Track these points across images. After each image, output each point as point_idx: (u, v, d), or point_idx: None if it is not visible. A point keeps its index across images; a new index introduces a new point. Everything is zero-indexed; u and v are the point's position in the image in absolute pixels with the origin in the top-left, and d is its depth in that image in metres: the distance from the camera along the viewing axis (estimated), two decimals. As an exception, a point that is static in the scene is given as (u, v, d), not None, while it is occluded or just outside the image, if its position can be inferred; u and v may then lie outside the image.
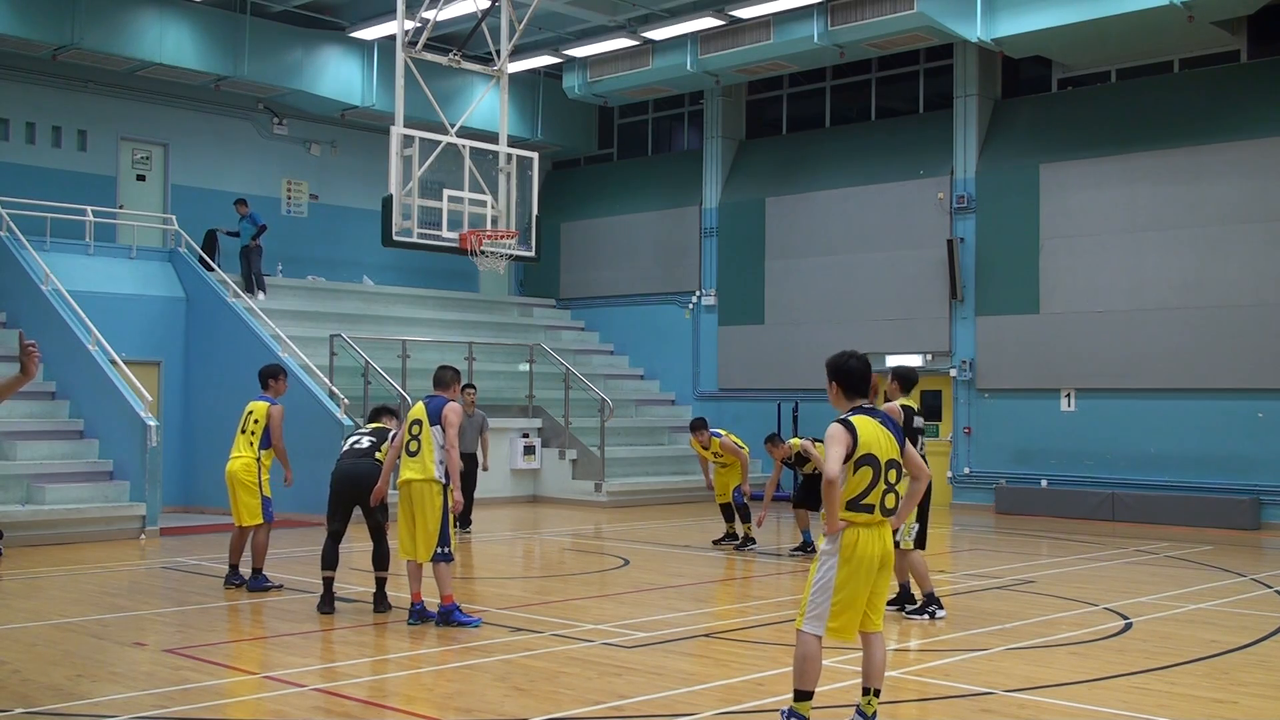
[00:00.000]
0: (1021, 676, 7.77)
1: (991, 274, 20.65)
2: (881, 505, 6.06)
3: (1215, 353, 18.38)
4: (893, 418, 6.43)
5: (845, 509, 6.03)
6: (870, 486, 6.02)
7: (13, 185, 19.99)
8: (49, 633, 9.13)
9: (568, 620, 9.53)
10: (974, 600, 10.92)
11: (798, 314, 22.88)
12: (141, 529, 15.53)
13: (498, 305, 26.23)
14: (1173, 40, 18.92)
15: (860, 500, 6.02)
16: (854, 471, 6.00)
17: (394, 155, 16.53)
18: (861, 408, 6.25)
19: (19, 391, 18.38)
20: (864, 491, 6.01)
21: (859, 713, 6.25)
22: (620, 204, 26.13)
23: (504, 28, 18.00)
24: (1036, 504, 19.42)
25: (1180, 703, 7.15)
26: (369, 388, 19.24)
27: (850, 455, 5.99)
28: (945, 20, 18.83)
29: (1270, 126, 18.26)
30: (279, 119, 23.95)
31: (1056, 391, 19.86)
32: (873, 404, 6.31)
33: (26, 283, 18.23)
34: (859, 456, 6.00)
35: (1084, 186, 19.78)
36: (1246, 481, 18.00)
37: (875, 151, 22.47)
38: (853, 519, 6.02)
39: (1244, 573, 12.93)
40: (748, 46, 20.81)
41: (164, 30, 20.42)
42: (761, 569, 13.45)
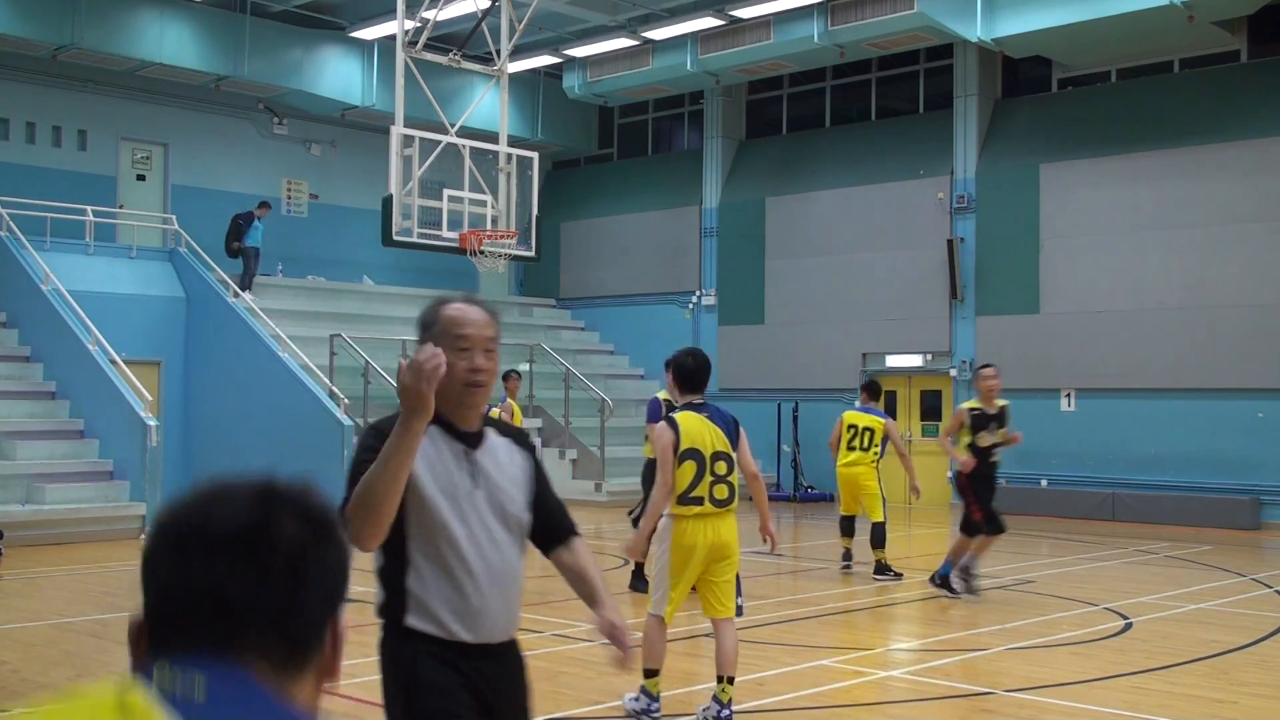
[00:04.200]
0: (1021, 676, 7.77)
1: (991, 274, 20.65)
2: (711, 497, 6.38)
3: (1215, 353, 18.37)
4: (726, 414, 6.66)
5: (676, 503, 6.36)
6: (696, 479, 6.35)
7: (13, 185, 19.99)
8: (49, 633, 9.13)
9: (568, 620, 9.53)
10: (974, 600, 10.91)
11: (798, 314, 22.88)
12: (141, 529, 15.52)
13: (498, 305, 26.18)
14: (1173, 40, 18.91)
15: (688, 494, 6.35)
16: (679, 465, 6.35)
17: (394, 155, 16.54)
18: (692, 403, 6.58)
19: (19, 391, 18.34)
20: (690, 484, 6.34)
21: (715, 700, 6.50)
22: (620, 204, 26.12)
23: (504, 28, 18.01)
24: (1036, 504, 19.41)
25: (1180, 703, 7.15)
26: (369, 388, 19.24)
27: (676, 450, 6.38)
28: (945, 20, 18.82)
29: (1270, 126, 18.26)
30: (279, 119, 23.95)
31: (1056, 391, 19.86)
32: (703, 399, 6.62)
33: (26, 283, 18.23)
34: (683, 451, 6.34)
35: (1084, 186, 19.78)
36: (1246, 481, 18.00)
37: (875, 151, 22.47)
38: (682, 512, 6.35)
39: (1244, 573, 12.94)
40: (748, 46, 20.81)
41: (164, 30, 20.42)
42: (761, 569, 13.44)
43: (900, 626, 10.06)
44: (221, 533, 1.31)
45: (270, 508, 1.35)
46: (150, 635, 1.32)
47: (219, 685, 1.25)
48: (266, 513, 1.34)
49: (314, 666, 1.35)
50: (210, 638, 1.28)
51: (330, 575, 1.37)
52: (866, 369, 22.02)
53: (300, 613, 1.33)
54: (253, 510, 1.34)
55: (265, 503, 1.35)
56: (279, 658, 1.31)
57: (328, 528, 1.39)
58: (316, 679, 1.36)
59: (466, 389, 3.17)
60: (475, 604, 3.08)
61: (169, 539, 1.33)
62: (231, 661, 1.28)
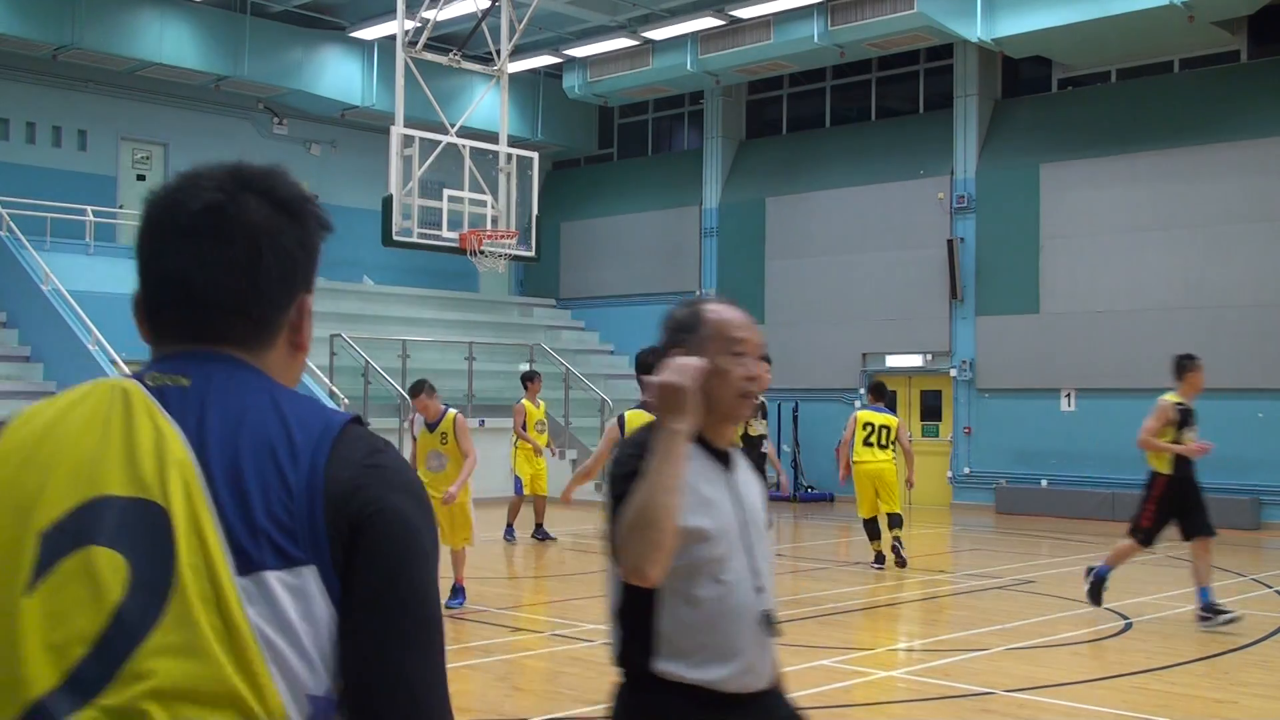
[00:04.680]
0: (1021, 676, 7.77)
1: (991, 274, 20.65)
2: None
3: (1215, 353, 18.27)
4: None
5: None
6: None
7: (13, 185, 20.00)
8: (49, 633, 9.12)
9: (568, 620, 9.53)
10: (974, 600, 10.92)
11: (798, 314, 22.87)
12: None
13: (498, 305, 26.23)
14: (1173, 40, 18.91)
15: None
16: None
17: (394, 155, 16.55)
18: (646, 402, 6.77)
19: (19, 391, 18.29)
20: None
21: None
22: (620, 204, 26.12)
23: (504, 28, 18.01)
24: (1036, 504, 19.41)
25: (1180, 703, 7.15)
26: (369, 388, 19.24)
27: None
28: (945, 20, 18.82)
29: (1270, 126, 18.26)
30: (279, 119, 23.96)
31: (1056, 391, 19.86)
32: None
33: (26, 283, 18.24)
34: None
35: (1084, 186, 19.77)
36: (1246, 481, 17.99)
37: (875, 151, 22.47)
38: None
39: (1244, 573, 12.93)
40: (748, 46, 20.81)
41: (164, 30, 20.42)
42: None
43: (900, 626, 10.05)
44: (189, 214, 1.42)
45: (235, 189, 1.44)
46: (144, 321, 1.48)
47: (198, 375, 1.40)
48: (231, 194, 1.43)
49: (280, 342, 1.47)
50: (185, 327, 1.44)
51: (290, 256, 1.45)
52: (866, 369, 22.02)
53: (261, 295, 1.44)
54: (218, 191, 1.43)
55: (231, 184, 1.45)
56: (246, 338, 1.44)
57: (290, 208, 1.46)
58: (287, 350, 1.48)
59: (740, 400, 2.82)
60: (736, 646, 2.67)
61: (148, 223, 1.46)
62: (206, 346, 1.43)
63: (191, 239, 1.42)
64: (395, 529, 1.36)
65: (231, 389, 1.40)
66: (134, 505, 1.32)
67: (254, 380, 1.42)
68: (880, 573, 12.43)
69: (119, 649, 1.27)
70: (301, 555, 1.32)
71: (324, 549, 1.33)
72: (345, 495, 1.35)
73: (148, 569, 1.30)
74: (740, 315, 2.95)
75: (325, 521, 1.33)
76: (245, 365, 1.43)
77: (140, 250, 1.47)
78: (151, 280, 1.45)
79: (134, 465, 1.33)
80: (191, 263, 1.42)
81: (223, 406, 1.37)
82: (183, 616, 1.28)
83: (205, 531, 1.31)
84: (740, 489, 2.79)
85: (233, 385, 1.40)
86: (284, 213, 1.46)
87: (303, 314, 1.49)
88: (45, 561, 1.31)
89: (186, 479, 1.32)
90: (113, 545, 1.31)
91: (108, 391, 1.39)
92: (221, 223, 1.42)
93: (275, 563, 1.31)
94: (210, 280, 1.42)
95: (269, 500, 1.33)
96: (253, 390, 1.41)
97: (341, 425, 1.40)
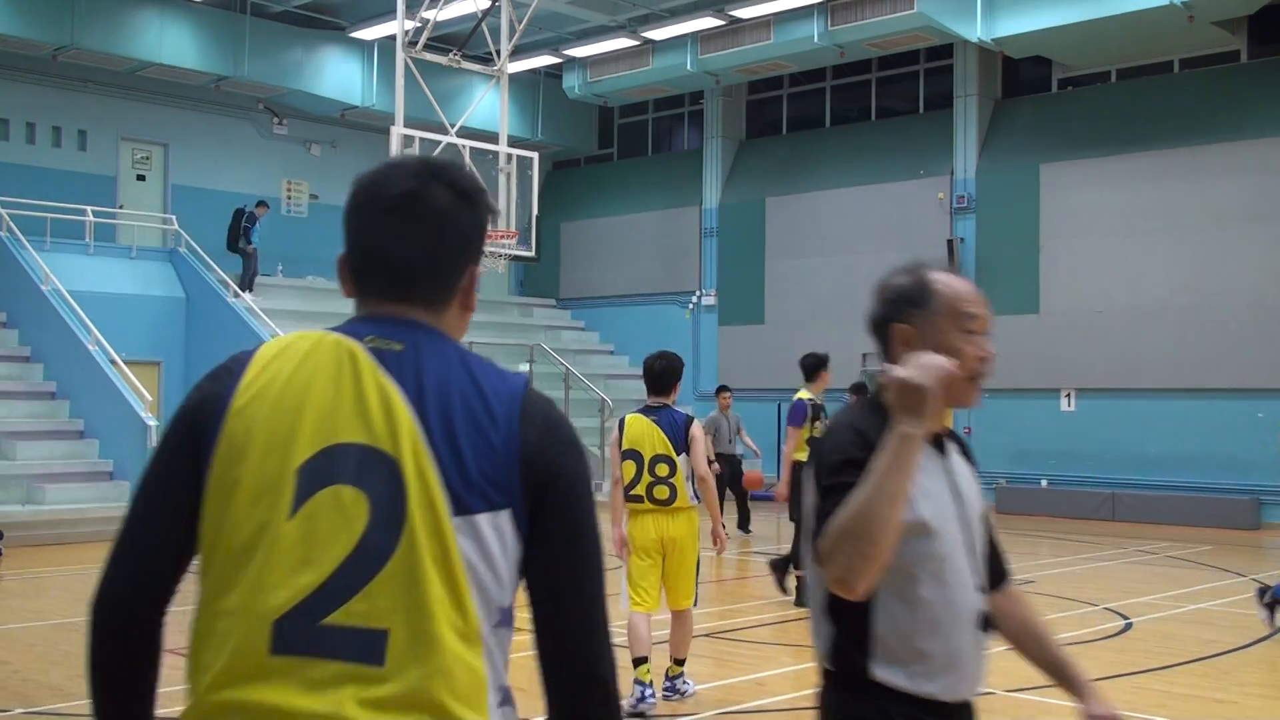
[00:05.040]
0: (1021, 676, 7.76)
1: (991, 274, 20.64)
2: (650, 496, 6.80)
3: (1215, 353, 18.37)
4: (679, 418, 6.94)
5: (625, 500, 6.91)
6: (635, 479, 6.81)
7: (13, 185, 19.99)
8: (49, 633, 9.13)
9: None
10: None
11: (798, 314, 22.88)
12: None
13: (498, 305, 26.22)
14: (1173, 40, 18.92)
15: (629, 492, 6.86)
16: (621, 463, 6.86)
17: (394, 155, 16.54)
18: (648, 406, 6.98)
19: (19, 391, 18.27)
20: (631, 483, 6.82)
21: (666, 677, 7.01)
22: (620, 204, 26.12)
23: (504, 28, 18.01)
24: (1036, 504, 19.41)
25: (1180, 703, 7.15)
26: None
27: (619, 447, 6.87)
28: (945, 20, 18.82)
29: (1270, 126, 18.26)
30: (279, 119, 23.95)
31: (1056, 391, 19.86)
32: (664, 402, 6.94)
33: (26, 283, 18.23)
34: (624, 450, 6.83)
35: (1084, 186, 19.77)
36: (1246, 481, 18.00)
37: (875, 151, 22.47)
38: (630, 509, 6.87)
39: (1244, 573, 12.93)
40: (748, 46, 20.81)
41: (164, 30, 20.42)
42: (761, 569, 13.44)
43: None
44: (389, 196, 1.78)
45: (426, 178, 1.79)
46: (348, 280, 1.84)
47: (410, 339, 1.74)
48: (423, 182, 1.78)
49: (455, 303, 1.83)
50: (383, 287, 1.79)
51: (465, 234, 1.82)
52: (866, 369, 22.01)
53: (442, 265, 1.80)
54: (413, 179, 1.79)
55: (422, 173, 1.80)
56: (430, 298, 1.80)
57: (468, 196, 1.82)
58: (459, 310, 1.84)
59: (970, 384, 2.53)
60: (957, 653, 2.44)
61: (355, 202, 1.82)
62: (400, 306, 1.78)
63: (391, 217, 1.78)
64: (572, 486, 1.74)
65: (435, 355, 1.74)
66: (369, 452, 1.65)
67: (449, 348, 1.77)
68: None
69: (365, 569, 1.61)
70: (502, 501, 1.68)
71: (518, 497, 1.69)
72: (534, 457, 1.71)
73: (386, 507, 1.63)
74: (970, 286, 2.62)
75: (520, 477, 1.69)
76: (440, 334, 1.79)
77: (347, 224, 1.82)
78: (357, 249, 1.82)
79: (365, 418, 1.67)
80: (390, 236, 1.78)
81: (432, 372, 1.71)
82: (412, 546, 1.62)
83: (429, 480, 1.65)
84: (956, 477, 2.53)
85: (435, 352, 1.74)
86: (463, 199, 1.81)
87: (472, 281, 1.85)
88: (302, 494, 1.64)
89: (412, 435, 1.66)
90: (356, 484, 1.64)
91: (334, 348, 1.73)
92: (414, 205, 1.77)
93: (482, 507, 1.66)
94: (404, 252, 1.78)
95: (479, 457, 1.67)
96: (450, 358, 1.75)
97: (523, 392, 1.78)
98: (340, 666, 1.59)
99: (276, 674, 1.60)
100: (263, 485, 1.65)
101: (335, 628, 1.59)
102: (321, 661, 1.59)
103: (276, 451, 1.66)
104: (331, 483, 1.65)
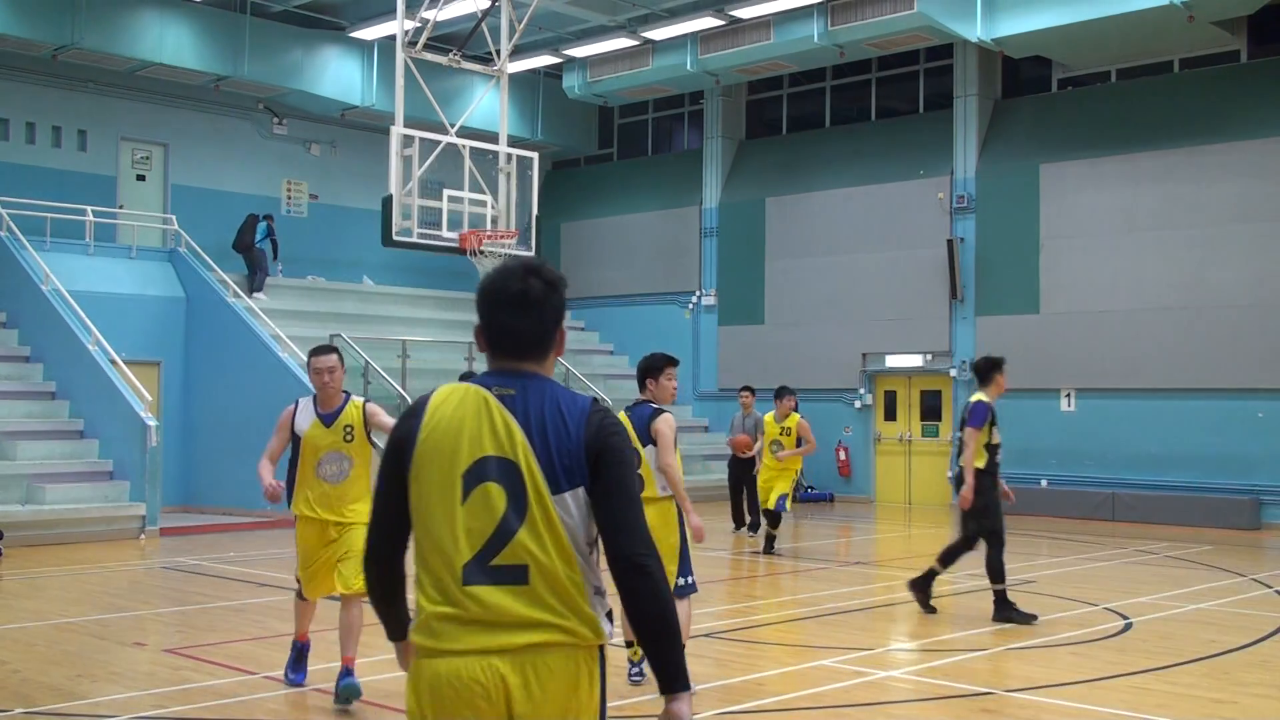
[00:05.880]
0: (1021, 676, 7.77)
1: (991, 274, 20.65)
2: None
3: (1215, 353, 18.37)
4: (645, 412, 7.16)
5: None
6: None
7: (13, 185, 19.99)
8: (49, 633, 9.13)
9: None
10: (974, 600, 10.92)
11: (798, 314, 22.88)
12: (141, 529, 15.53)
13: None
14: (1173, 40, 18.91)
15: None
16: None
17: (394, 155, 16.55)
18: (634, 403, 7.34)
19: (19, 391, 18.30)
20: None
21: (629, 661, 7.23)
22: (620, 204, 26.12)
23: (504, 28, 18.02)
24: (1036, 504, 19.40)
25: (1180, 703, 7.15)
26: (369, 388, 19.24)
27: None
28: (945, 20, 18.82)
29: (1270, 126, 18.26)
30: (279, 119, 23.95)
31: (1056, 391, 19.86)
32: (642, 399, 7.27)
33: (26, 283, 18.23)
34: None
35: (1084, 186, 19.78)
36: (1246, 481, 18.00)
37: (875, 151, 22.47)
38: None
39: (1244, 573, 12.93)
40: (748, 46, 20.80)
41: (164, 30, 20.42)
42: (761, 569, 13.45)
43: (900, 626, 10.05)
44: (507, 293, 2.86)
45: (527, 277, 2.86)
46: (485, 345, 2.91)
47: (520, 386, 2.84)
48: (526, 281, 2.86)
49: (551, 352, 2.92)
50: (510, 352, 2.88)
51: (555, 311, 2.89)
52: (866, 369, 22.04)
53: (544, 334, 2.89)
54: (521, 281, 2.86)
55: (526, 275, 2.87)
56: (537, 355, 2.89)
57: (554, 284, 2.89)
58: (554, 356, 2.93)
59: None
60: None
61: (484, 295, 2.89)
62: (521, 364, 2.88)
63: (508, 308, 2.87)
64: (614, 456, 2.83)
65: (536, 394, 2.85)
66: (502, 460, 2.79)
67: (545, 387, 2.87)
68: (874, 573, 12.44)
69: (504, 535, 2.77)
70: (578, 481, 2.80)
71: (586, 476, 2.81)
72: (590, 444, 2.81)
73: (514, 495, 2.77)
74: None
75: (586, 461, 2.80)
76: (540, 377, 2.89)
77: (480, 308, 2.91)
78: (491, 326, 2.90)
79: (496, 439, 2.80)
80: (510, 319, 2.87)
81: (533, 406, 2.83)
82: (532, 519, 2.77)
83: (536, 476, 2.78)
84: None
85: (536, 391, 2.85)
86: (550, 288, 2.89)
87: (562, 337, 2.94)
88: (467, 489, 2.79)
89: (525, 448, 2.79)
90: (498, 482, 2.79)
91: (475, 395, 2.84)
92: (522, 299, 2.86)
93: (567, 487, 2.79)
94: (520, 328, 2.87)
95: (561, 456, 2.79)
96: (545, 394, 2.85)
97: (589, 408, 2.86)
98: (504, 588, 2.76)
99: (467, 597, 2.77)
100: (444, 485, 2.81)
101: (498, 566, 2.77)
102: (492, 586, 2.76)
103: (448, 464, 2.81)
104: (483, 481, 2.80)
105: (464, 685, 2.73)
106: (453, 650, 2.75)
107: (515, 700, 2.73)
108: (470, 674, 2.73)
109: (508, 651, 2.73)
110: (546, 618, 2.74)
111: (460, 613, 2.75)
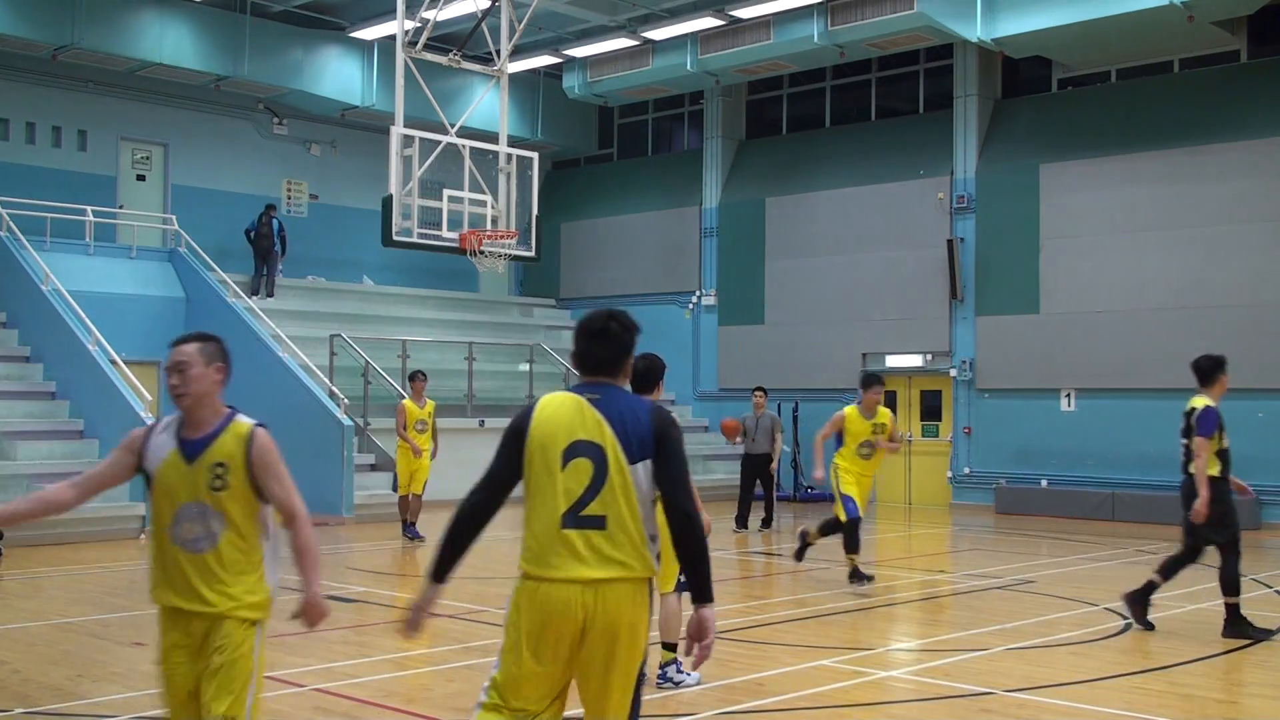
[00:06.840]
0: (1021, 676, 7.77)
1: (991, 274, 20.65)
2: None
3: (1215, 353, 18.32)
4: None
5: None
6: None
7: (13, 185, 20.00)
8: (49, 633, 9.13)
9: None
10: (974, 600, 10.91)
11: (798, 314, 22.88)
12: (141, 529, 15.52)
13: (498, 305, 26.23)
14: (1173, 40, 18.91)
15: None
16: None
17: (394, 155, 16.54)
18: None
19: (19, 391, 18.25)
20: None
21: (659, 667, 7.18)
22: (620, 204, 26.13)
23: (504, 28, 18.01)
24: (1036, 504, 19.41)
25: (1180, 703, 7.15)
26: (369, 388, 19.24)
27: None
28: (945, 20, 18.82)
29: (1270, 126, 18.26)
30: (279, 119, 23.96)
31: (1056, 391, 19.86)
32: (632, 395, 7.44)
33: (26, 283, 18.23)
34: None
35: (1084, 186, 19.77)
36: (1246, 482, 17.93)
37: (875, 151, 22.47)
38: None
39: (1244, 573, 12.90)
40: (748, 46, 20.81)
41: (164, 30, 20.42)
42: (761, 569, 13.44)
43: (900, 626, 10.05)
44: (593, 330, 4.14)
45: (608, 320, 4.14)
46: (579, 366, 4.17)
47: (603, 393, 4.07)
48: (607, 323, 4.14)
49: (623, 373, 4.16)
50: (593, 370, 4.13)
51: (628, 344, 4.18)
52: (866, 369, 22.01)
53: (618, 360, 4.14)
54: (604, 323, 4.14)
55: (607, 318, 4.14)
56: (613, 374, 4.13)
57: (628, 327, 4.17)
58: (625, 375, 4.17)
59: None
60: None
61: (580, 331, 4.17)
62: (604, 380, 4.12)
63: (594, 340, 4.13)
64: (671, 438, 4.03)
65: (616, 398, 4.05)
66: (592, 443, 3.98)
67: (622, 394, 4.09)
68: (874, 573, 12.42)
69: (591, 494, 3.96)
70: (649, 454, 3.99)
71: (652, 451, 3.99)
72: (655, 429, 4.00)
73: (600, 467, 3.96)
74: None
75: (653, 441, 3.99)
76: (618, 387, 4.10)
77: (576, 341, 4.18)
78: (581, 353, 4.14)
79: (586, 428, 3.99)
80: (595, 349, 4.13)
81: (615, 406, 4.02)
82: (610, 483, 3.96)
83: (618, 452, 3.97)
84: None
85: (615, 396, 4.06)
86: (625, 329, 4.16)
87: (629, 364, 4.19)
88: (565, 462, 3.98)
89: (609, 434, 3.98)
90: (587, 458, 3.97)
91: (572, 399, 4.05)
92: (604, 334, 4.12)
93: (639, 459, 3.98)
94: (602, 356, 4.12)
95: (636, 437, 3.98)
96: (622, 398, 4.07)
97: (652, 408, 4.07)
98: (590, 531, 3.93)
99: (566, 538, 3.93)
100: (548, 460, 3.98)
101: (586, 515, 3.93)
102: (582, 530, 3.93)
103: (551, 446, 3.98)
104: (576, 457, 3.97)
105: (557, 602, 3.89)
106: (551, 577, 3.91)
107: (592, 615, 3.89)
108: (561, 595, 3.89)
109: (587, 582, 3.89)
110: (616, 555, 3.91)
111: (560, 549, 3.92)
